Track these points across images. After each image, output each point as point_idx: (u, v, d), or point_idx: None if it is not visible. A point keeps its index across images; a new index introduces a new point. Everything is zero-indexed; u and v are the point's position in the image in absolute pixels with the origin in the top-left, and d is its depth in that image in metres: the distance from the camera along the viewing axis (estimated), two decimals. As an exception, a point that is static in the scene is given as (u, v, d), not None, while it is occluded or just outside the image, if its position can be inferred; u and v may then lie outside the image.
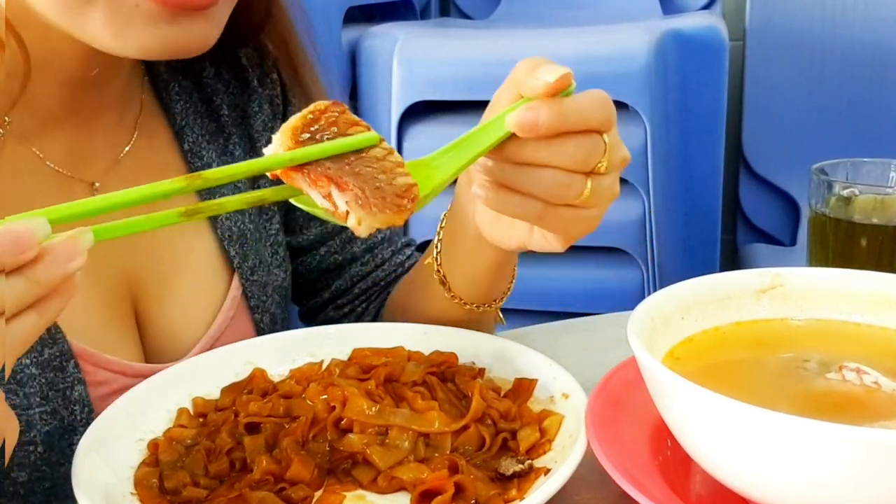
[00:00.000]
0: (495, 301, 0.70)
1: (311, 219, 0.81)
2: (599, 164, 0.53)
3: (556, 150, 0.52)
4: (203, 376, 0.62)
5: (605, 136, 0.53)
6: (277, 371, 0.64)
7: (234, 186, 0.73)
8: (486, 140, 0.52)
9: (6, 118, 0.63)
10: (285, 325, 0.80)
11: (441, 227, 0.68)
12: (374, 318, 0.84)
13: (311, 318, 0.87)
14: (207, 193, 0.66)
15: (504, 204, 0.55)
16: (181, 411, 0.59)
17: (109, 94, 0.67)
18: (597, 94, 0.53)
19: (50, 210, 0.37)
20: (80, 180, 0.66)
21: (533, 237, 0.59)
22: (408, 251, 0.86)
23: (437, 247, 0.68)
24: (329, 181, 0.45)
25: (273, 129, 0.77)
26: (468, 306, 0.69)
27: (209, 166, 0.73)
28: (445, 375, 0.60)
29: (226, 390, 0.61)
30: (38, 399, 0.59)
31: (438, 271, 0.68)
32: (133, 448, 0.55)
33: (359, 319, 0.84)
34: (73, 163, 0.66)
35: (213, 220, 0.73)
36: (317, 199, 0.45)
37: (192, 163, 0.73)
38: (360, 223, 0.45)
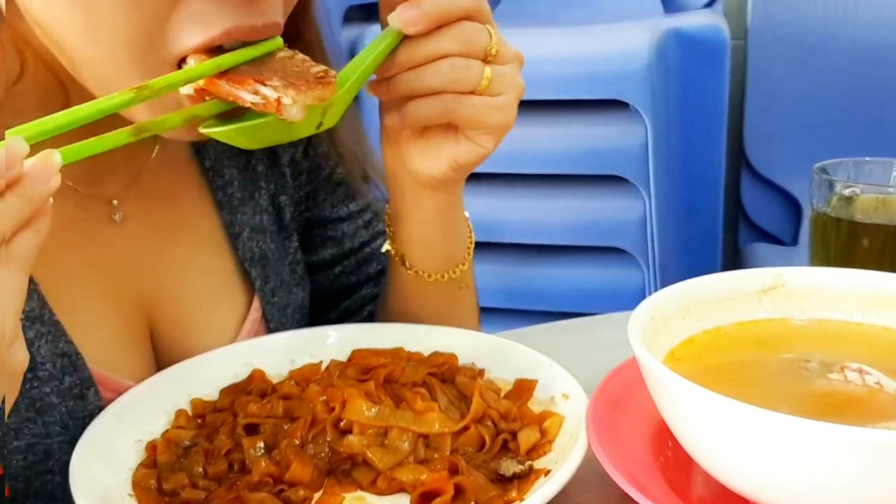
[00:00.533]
0: (458, 266, 0.70)
1: (326, 240, 0.80)
2: (490, 48, 0.57)
3: (443, 38, 0.55)
4: (202, 377, 0.62)
5: (487, 26, 0.57)
6: (277, 372, 0.64)
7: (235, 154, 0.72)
8: (377, 49, 0.55)
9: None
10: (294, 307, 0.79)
11: (385, 213, 0.70)
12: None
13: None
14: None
15: (415, 112, 0.57)
16: (179, 412, 0.59)
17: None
18: None
19: (21, 128, 0.40)
20: (98, 199, 0.64)
21: (460, 146, 0.60)
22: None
23: (388, 229, 0.70)
24: (252, 79, 0.49)
25: (297, 146, 0.77)
26: (432, 278, 0.69)
27: (231, 184, 0.71)
28: (445, 376, 0.60)
29: (225, 391, 0.61)
30: (57, 428, 0.58)
31: (394, 251, 0.69)
32: (131, 449, 0.55)
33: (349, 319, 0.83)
34: (91, 181, 0.64)
35: (234, 241, 0.71)
36: (245, 97, 0.49)
37: (214, 181, 0.71)
38: (295, 103, 0.49)
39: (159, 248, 0.68)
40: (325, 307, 0.82)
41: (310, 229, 0.80)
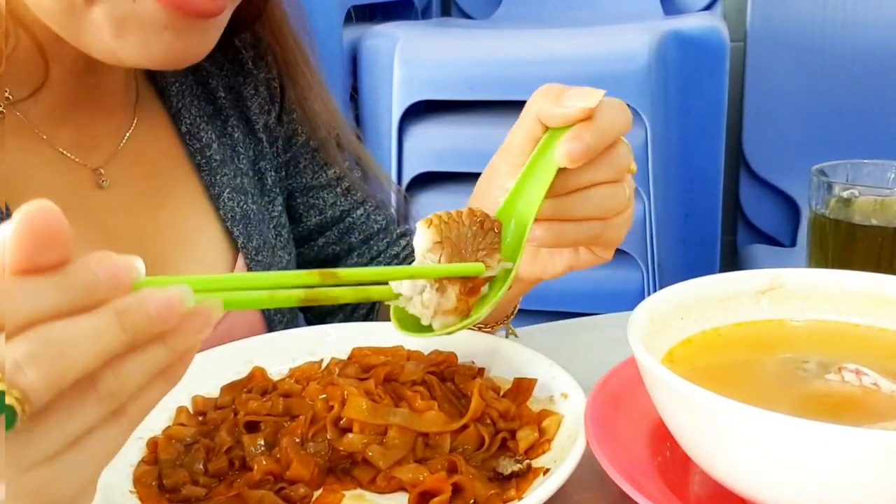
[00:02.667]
0: (506, 318, 0.71)
1: (309, 208, 0.82)
2: (631, 167, 0.55)
3: (600, 168, 0.53)
4: (203, 375, 0.62)
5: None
6: (277, 370, 0.64)
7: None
8: (541, 186, 0.53)
9: (8, 95, 0.63)
10: (291, 309, 0.80)
11: None
12: (367, 316, 0.84)
13: (305, 309, 0.87)
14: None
15: (562, 236, 0.56)
16: (180, 409, 0.59)
17: (112, 80, 0.68)
18: (616, 102, 0.54)
19: (191, 279, 0.36)
20: (84, 166, 0.67)
21: (581, 257, 0.59)
22: (403, 242, 0.86)
23: None
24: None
25: (269, 113, 0.78)
26: (481, 330, 0.69)
27: (209, 147, 0.74)
28: (445, 375, 0.60)
29: (226, 388, 0.61)
30: None
31: None
32: (132, 446, 0.55)
33: (352, 314, 0.84)
34: (79, 150, 0.67)
35: (216, 202, 0.73)
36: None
37: (191, 144, 0.73)
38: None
39: (145, 213, 0.69)
40: None
41: (293, 198, 0.82)
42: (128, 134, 0.70)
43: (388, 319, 0.76)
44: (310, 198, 0.82)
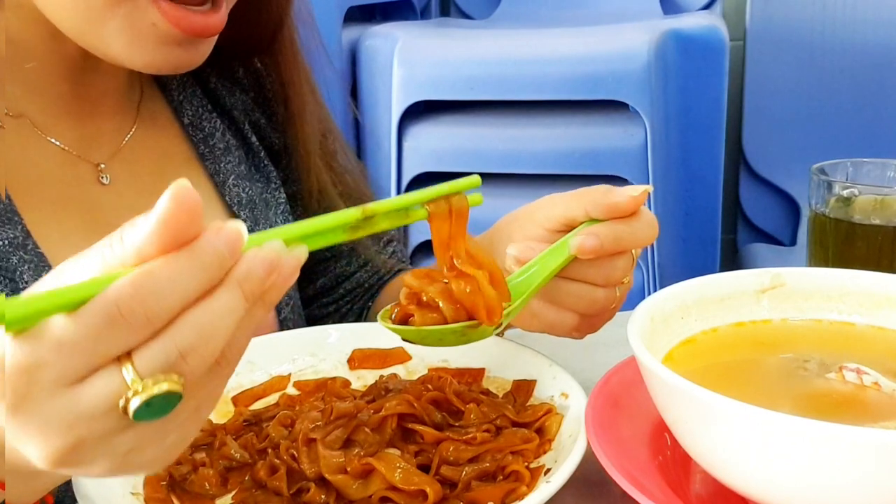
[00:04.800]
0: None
1: (298, 209, 0.82)
2: (627, 279, 0.57)
3: (600, 269, 0.55)
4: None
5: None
6: (277, 370, 0.64)
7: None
8: (552, 265, 0.55)
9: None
10: (296, 293, 0.80)
11: None
12: (357, 320, 0.84)
13: (307, 305, 0.87)
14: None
15: (542, 314, 0.57)
16: None
17: (113, 78, 0.69)
18: (648, 216, 0.56)
19: (268, 234, 0.36)
20: (86, 161, 0.67)
21: (553, 330, 0.60)
22: (390, 248, 0.87)
23: None
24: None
25: (250, 115, 0.79)
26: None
27: (212, 136, 0.75)
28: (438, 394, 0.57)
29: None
30: None
31: None
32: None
33: (342, 320, 0.84)
34: (80, 144, 0.68)
35: (221, 189, 0.74)
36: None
37: (194, 135, 0.74)
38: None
39: (147, 210, 0.68)
40: (302, 285, 0.84)
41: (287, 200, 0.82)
42: (130, 133, 0.71)
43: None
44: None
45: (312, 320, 0.84)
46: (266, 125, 0.80)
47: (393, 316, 0.52)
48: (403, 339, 0.52)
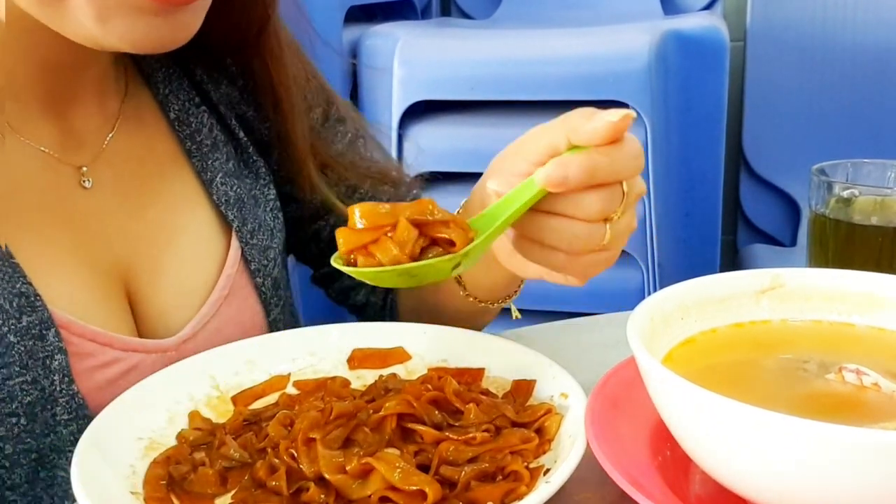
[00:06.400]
0: (510, 296, 0.72)
1: (291, 206, 0.82)
2: (617, 213, 0.54)
3: (576, 203, 0.53)
4: (203, 375, 0.62)
5: (624, 182, 0.54)
6: (277, 370, 0.64)
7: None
8: (521, 200, 0.53)
9: None
10: (288, 291, 0.80)
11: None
12: (385, 299, 0.84)
13: (325, 285, 0.88)
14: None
15: (528, 252, 0.56)
16: (193, 414, 0.59)
17: (90, 78, 0.67)
18: (632, 146, 0.54)
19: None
20: (67, 164, 0.66)
21: (551, 275, 0.59)
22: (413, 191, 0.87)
23: None
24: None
25: (236, 109, 0.77)
26: (482, 304, 0.71)
27: (199, 132, 0.73)
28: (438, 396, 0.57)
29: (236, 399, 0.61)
30: (17, 368, 0.58)
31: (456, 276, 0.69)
32: (132, 447, 0.55)
33: (369, 296, 0.85)
34: (62, 147, 0.66)
35: (209, 186, 0.72)
36: None
37: (181, 130, 0.72)
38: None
39: (131, 214, 0.69)
40: (327, 256, 0.82)
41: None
42: (112, 133, 0.69)
43: (403, 306, 0.77)
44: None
45: (342, 293, 0.85)
46: (254, 117, 0.78)
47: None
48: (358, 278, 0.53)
